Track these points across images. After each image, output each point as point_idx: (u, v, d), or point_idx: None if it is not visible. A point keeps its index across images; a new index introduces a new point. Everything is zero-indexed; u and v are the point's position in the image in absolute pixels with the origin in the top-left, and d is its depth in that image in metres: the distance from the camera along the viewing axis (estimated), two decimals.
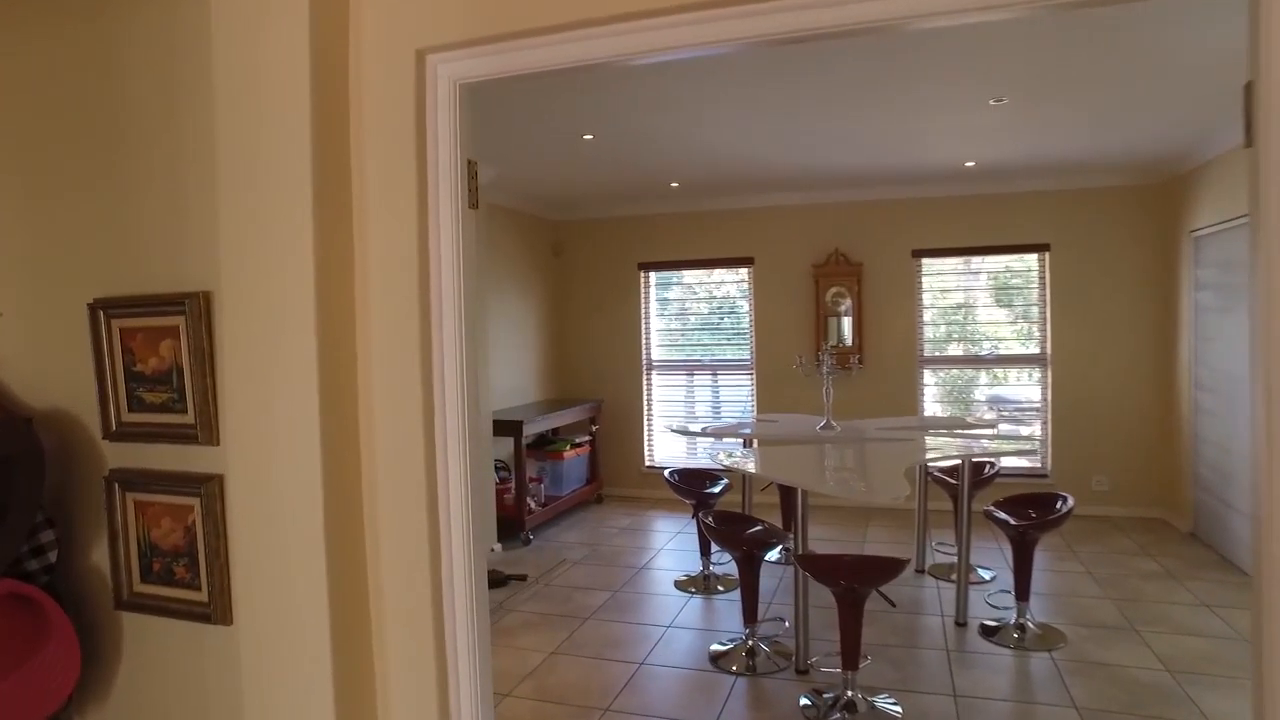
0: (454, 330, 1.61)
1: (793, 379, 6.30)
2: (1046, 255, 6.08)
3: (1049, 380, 6.11)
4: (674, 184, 6.14)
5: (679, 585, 4.65)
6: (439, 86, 1.60)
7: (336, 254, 1.59)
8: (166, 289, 1.78)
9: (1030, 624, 3.76)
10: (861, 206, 6.44)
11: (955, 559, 4.36)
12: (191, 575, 1.82)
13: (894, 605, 3.64)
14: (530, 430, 5.90)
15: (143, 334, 1.83)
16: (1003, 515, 3.78)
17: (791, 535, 3.50)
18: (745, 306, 6.89)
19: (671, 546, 5.52)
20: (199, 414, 1.76)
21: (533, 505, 5.95)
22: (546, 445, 6.59)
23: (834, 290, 6.42)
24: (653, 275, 7.22)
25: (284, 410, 1.55)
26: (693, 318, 7.17)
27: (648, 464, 7.23)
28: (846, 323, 6.39)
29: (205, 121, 1.66)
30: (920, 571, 4.74)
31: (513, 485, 5.75)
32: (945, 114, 4.14)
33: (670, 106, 3.98)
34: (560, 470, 6.48)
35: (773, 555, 4.66)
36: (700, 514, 3.69)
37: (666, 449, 7.20)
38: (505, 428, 5.62)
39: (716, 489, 4.61)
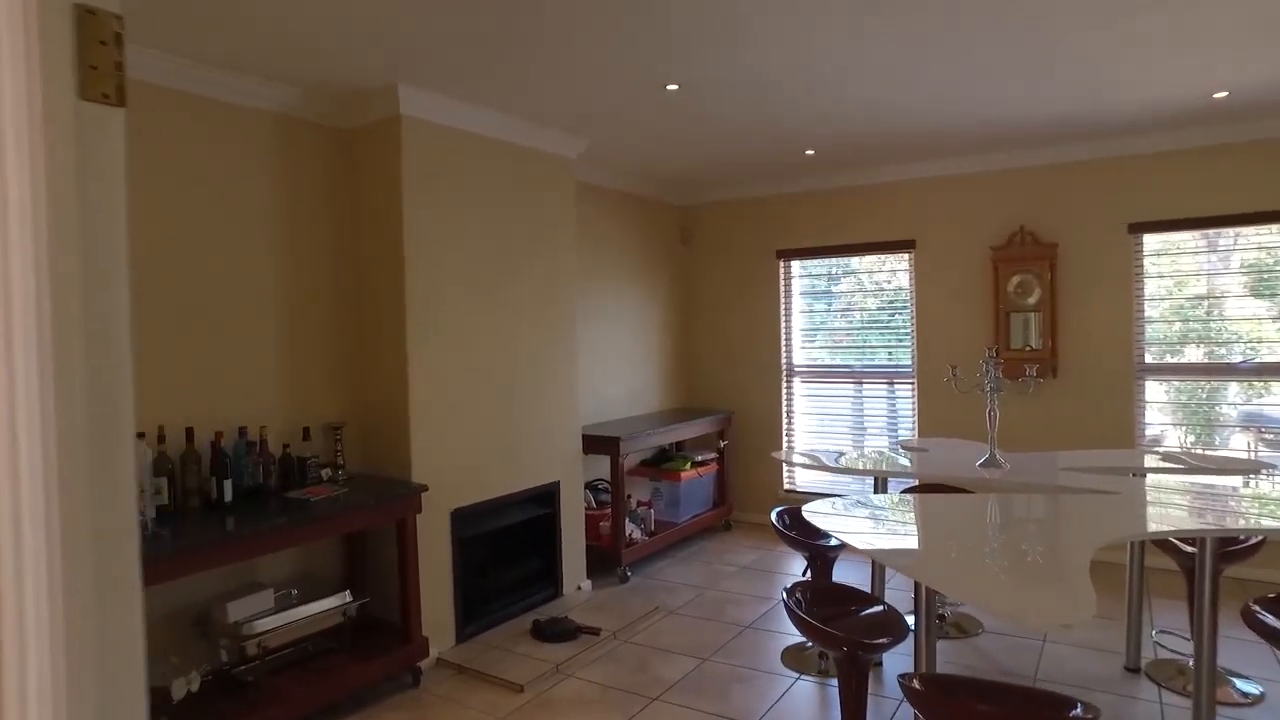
0: (30, 321, 0.81)
1: (964, 392, 4.99)
2: None
3: None
4: (809, 152, 5.05)
5: (787, 659, 3.62)
6: None
7: None
8: None
9: None
10: (1056, 170, 4.99)
11: (1190, 661, 2.99)
12: None
13: None
14: (639, 446, 5.08)
15: None
16: (1275, 622, 2.40)
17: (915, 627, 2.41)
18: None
19: None
20: None
21: (637, 534, 5.13)
22: (664, 463, 5.75)
23: (1018, 279, 5.02)
24: (794, 264, 6.15)
25: None
26: (858, 314, 5.99)
27: (787, 487, 6.18)
28: (1034, 320, 4.97)
29: None
30: (1132, 670, 3.37)
31: (610, 512, 4.96)
32: (1183, 8, 2.81)
33: (770, 41, 2.99)
34: (678, 492, 5.61)
35: None
36: (788, 589, 2.67)
37: (813, 469, 6.07)
38: (599, 444, 4.83)
39: (838, 540, 3.52)
